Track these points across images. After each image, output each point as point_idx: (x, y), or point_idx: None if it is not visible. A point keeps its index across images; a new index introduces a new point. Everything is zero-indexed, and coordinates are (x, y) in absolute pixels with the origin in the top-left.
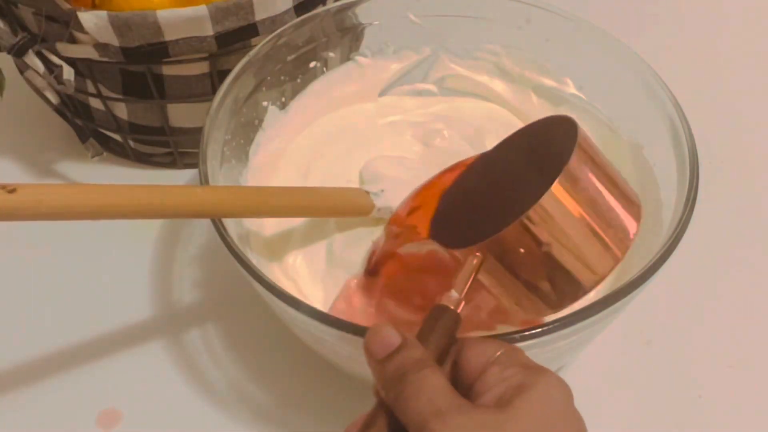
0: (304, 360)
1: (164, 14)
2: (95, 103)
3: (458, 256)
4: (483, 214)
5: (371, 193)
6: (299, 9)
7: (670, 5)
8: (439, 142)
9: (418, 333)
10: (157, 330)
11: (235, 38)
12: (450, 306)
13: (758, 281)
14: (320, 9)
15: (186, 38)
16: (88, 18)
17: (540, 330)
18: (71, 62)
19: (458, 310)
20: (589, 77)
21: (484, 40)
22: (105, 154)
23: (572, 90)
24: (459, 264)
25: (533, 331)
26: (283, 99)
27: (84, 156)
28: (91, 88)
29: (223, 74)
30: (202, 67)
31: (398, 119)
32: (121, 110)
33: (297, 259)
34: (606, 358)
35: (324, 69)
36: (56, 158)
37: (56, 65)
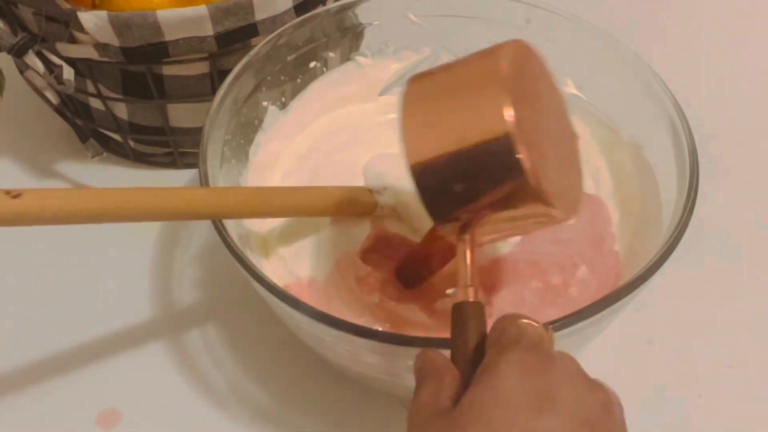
0: (304, 360)
1: (164, 14)
2: (95, 103)
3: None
4: None
5: (374, 192)
6: (299, 9)
7: (670, 5)
8: None
9: (451, 338)
10: (157, 330)
11: (235, 38)
12: (468, 299)
13: (758, 281)
14: (320, 9)
15: (186, 38)
16: (88, 18)
17: None
18: (71, 62)
19: (474, 299)
20: (589, 77)
21: (484, 40)
22: (105, 154)
23: (572, 90)
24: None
25: None
26: (283, 99)
27: (84, 156)
28: (91, 88)
29: (223, 74)
30: (202, 67)
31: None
32: (121, 110)
33: (294, 248)
34: (606, 358)
35: (324, 69)
36: (56, 158)
37: (56, 65)
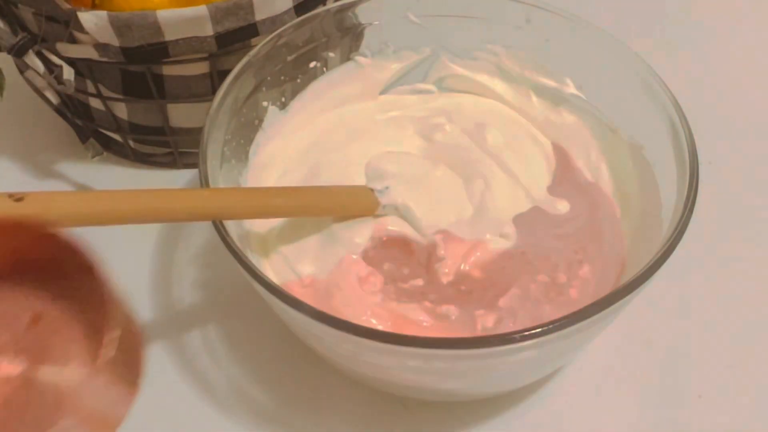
0: (304, 360)
1: (164, 14)
2: (95, 103)
3: None
4: None
5: (376, 191)
6: (299, 9)
7: (671, 5)
8: (441, 137)
9: None
10: (157, 330)
11: (235, 38)
12: None
13: (758, 281)
14: (320, 9)
15: (186, 38)
16: (88, 18)
17: (540, 330)
18: (71, 62)
19: None
20: (589, 77)
21: (484, 40)
22: (105, 154)
23: (572, 90)
24: None
25: (533, 331)
26: (283, 99)
27: (84, 156)
28: (91, 88)
29: (223, 74)
30: (202, 67)
31: (399, 115)
32: (121, 110)
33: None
34: (606, 358)
35: (324, 69)
36: (56, 158)
37: (56, 65)
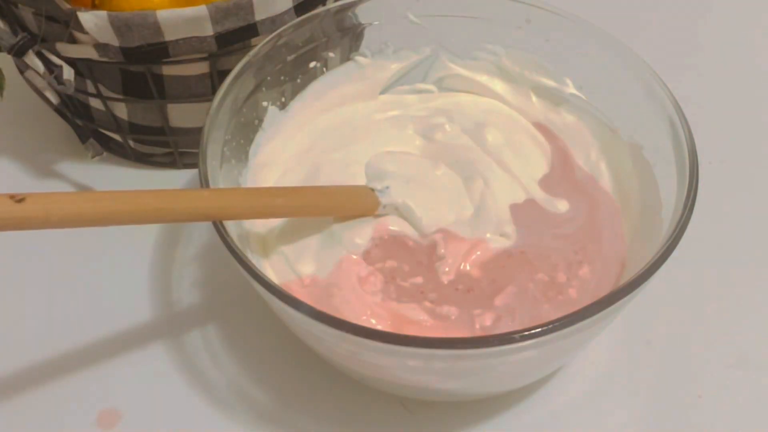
0: (304, 360)
1: (164, 14)
2: (95, 103)
3: None
4: None
5: (376, 191)
6: (299, 9)
7: (671, 5)
8: (441, 136)
9: None
10: (157, 330)
11: (235, 38)
12: None
13: (758, 280)
14: (320, 9)
15: (186, 38)
16: (88, 18)
17: (540, 330)
18: (71, 62)
19: None
20: (589, 77)
21: (484, 40)
22: (105, 154)
23: (572, 90)
24: None
25: (533, 331)
26: (283, 99)
27: (84, 156)
28: (91, 88)
29: (223, 74)
30: (202, 67)
31: (399, 114)
32: (121, 110)
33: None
34: (606, 358)
35: (324, 69)
36: (56, 158)
37: (56, 65)
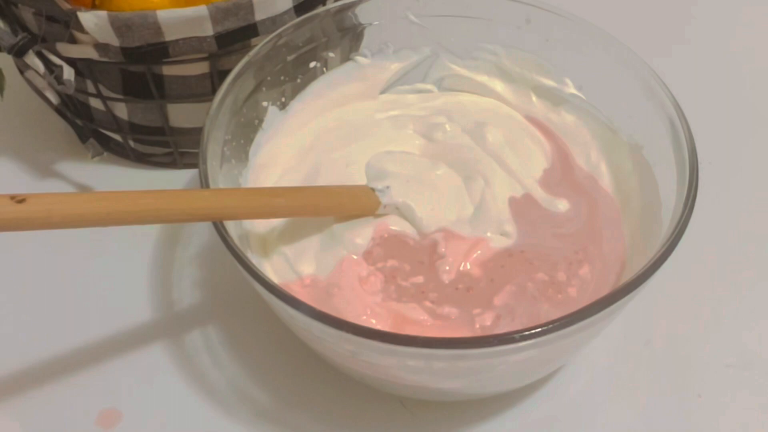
0: (304, 360)
1: (164, 14)
2: (95, 103)
3: None
4: None
5: (377, 190)
6: (299, 9)
7: (671, 5)
8: (441, 136)
9: None
10: (157, 330)
11: (235, 38)
12: None
13: (758, 281)
14: (320, 9)
15: (186, 38)
16: (88, 18)
17: (540, 330)
18: (71, 62)
19: None
20: (589, 77)
21: (484, 40)
22: (105, 154)
23: (572, 90)
24: None
25: (533, 331)
26: (283, 99)
27: (84, 156)
28: (91, 88)
29: (223, 74)
30: (202, 67)
31: (399, 113)
32: (121, 110)
33: (297, 245)
34: (606, 358)
35: (324, 69)
36: (56, 158)
37: (56, 65)
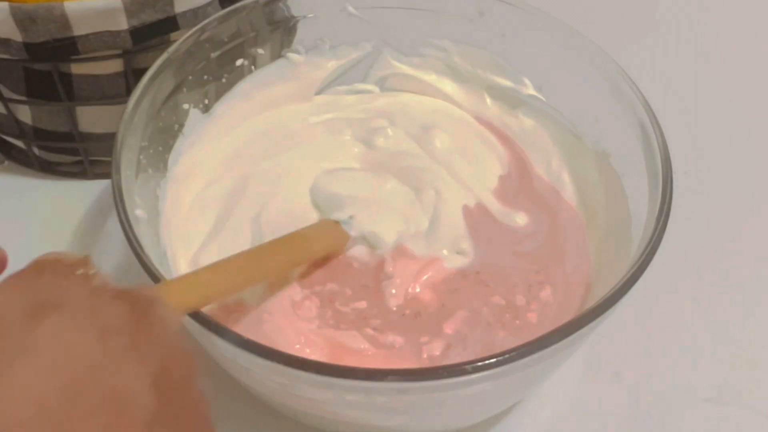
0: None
1: (73, 6)
2: None
3: None
4: None
5: (342, 223)
6: (224, 0)
7: (642, 4)
8: (383, 142)
9: None
10: None
11: (153, 33)
12: None
13: (737, 305)
14: (248, 0)
15: (97, 33)
16: None
17: (495, 360)
18: None
19: None
20: (550, 77)
21: (432, 35)
22: (6, 163)
23: (531, 91)
24: None
25: (487, 362)
26: (206, 101)
27: None
28: None
29: (139, 73)
30: (116, 66)
31: (334, 117)
32: (25, 114)
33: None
34: (569, 393)
35: (252, 67)
36: None
37: None
